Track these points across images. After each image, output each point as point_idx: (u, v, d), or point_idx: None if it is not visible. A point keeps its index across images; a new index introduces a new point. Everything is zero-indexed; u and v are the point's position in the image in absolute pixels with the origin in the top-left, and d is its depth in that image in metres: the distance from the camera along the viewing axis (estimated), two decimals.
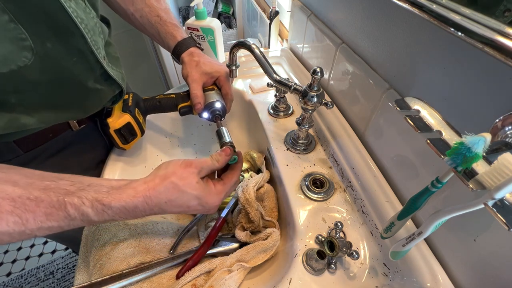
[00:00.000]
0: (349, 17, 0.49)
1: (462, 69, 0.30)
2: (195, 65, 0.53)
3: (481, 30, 0.22)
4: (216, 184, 0.42)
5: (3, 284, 1.23)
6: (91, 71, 0.42)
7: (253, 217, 0.49)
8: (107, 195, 0.33)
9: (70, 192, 0.31)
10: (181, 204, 0.37)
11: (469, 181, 0.21)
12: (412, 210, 0.28)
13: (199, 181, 0.38)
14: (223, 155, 0.43)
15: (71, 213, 0.30)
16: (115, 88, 0.48)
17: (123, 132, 0.51)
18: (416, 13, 0.29)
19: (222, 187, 0.42)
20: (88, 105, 0.46)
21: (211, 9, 1.56)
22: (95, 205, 0.32)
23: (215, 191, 0.40)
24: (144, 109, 0.55)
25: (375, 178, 0.44)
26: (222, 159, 0.43)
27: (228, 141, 0.49)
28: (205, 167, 0.40)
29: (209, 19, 0.86)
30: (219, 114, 0.55)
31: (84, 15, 0.38)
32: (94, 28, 0.40)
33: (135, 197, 0.34)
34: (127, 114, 0.50)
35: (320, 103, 0.47)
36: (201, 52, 0.56)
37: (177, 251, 0.47)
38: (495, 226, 0.28)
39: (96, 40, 0.40)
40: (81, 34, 0.37)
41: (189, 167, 0.38)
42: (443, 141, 0.23)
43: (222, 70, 0.56)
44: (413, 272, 0.36)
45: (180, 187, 0.36)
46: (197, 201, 0.38)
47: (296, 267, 0.40)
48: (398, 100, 0.27)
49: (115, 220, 0.34)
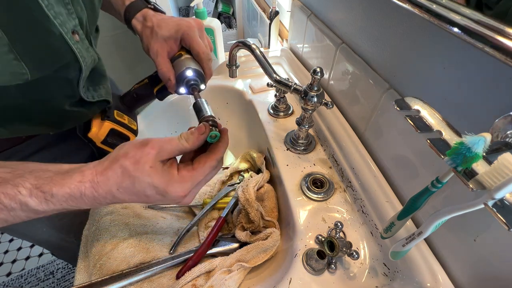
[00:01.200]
0: (349, 17, 0.49)
1: (462, 69, 0.30)
2: (150, 33, 0.44)
3: (481, 30, 0.22)
4: (181, 170, 0.32)
5: (3, 284, 1.23)
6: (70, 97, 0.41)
7: (253, 217, 0.49)
8: (48, 180, 0.28)
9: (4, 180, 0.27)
10: (136, 192, 0.31)
11: (469, 181, 0.21)
12: (412, 210, 0.28)
13: (154, 165, 0.30)
14: (196, 133, 0.33)
15: (7, 203, 0.27)
16: (96, 108, 0.46)
17: (111, 140, 0.46)
18: (416, 13, 0.29)
19: (188, 173, 0.32)
20: (64, 123, 0.44)
21: (211, 9, 1.56)
22: (34, 193, 0.28)
23: (177, 179, 0.32)
24: (125, 107, 0.49)
25: (375, 178, 0.44)
26: (194, 138, 0.33)
27: (208, 114, 0.38)
28: (167, 147, 0.32)
29: (209, 19, 0.86)
30: (195, 83, 0.43)
31: (86, 53, 0.39)
32: (90, 65, 0.41)
33: (81, 183, 0.29)
34: (106, 121, 0.45)
35: (320, 103, 0.47)
36: (154, 13, 0.45)
37: (177, 251, 0.47)
38: (495, 226, 0.28)
39: (87, 74, 0.41)
40: (79, 69, 0.38)
41: (144, 146, 0.31)
42: (443, 141, 0.23)
43: (183, 25, 0.43)
44: (413, 272, 0.36)
45: (130, 172, 0.30)
46: (154, 190, 0.31)
47: (296, 267, 0.40)
48: (398, 100, 0.27)
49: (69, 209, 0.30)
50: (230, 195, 0.58)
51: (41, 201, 0.28)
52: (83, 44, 0.38)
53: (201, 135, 0.33)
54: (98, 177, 0.30)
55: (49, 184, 0.28)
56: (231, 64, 0.55)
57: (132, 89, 0.49)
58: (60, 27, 0.33)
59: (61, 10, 0.33)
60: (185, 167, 0.33)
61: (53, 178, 0.29)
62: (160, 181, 0.30)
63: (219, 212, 0.56)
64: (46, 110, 0.40)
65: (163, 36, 0.43)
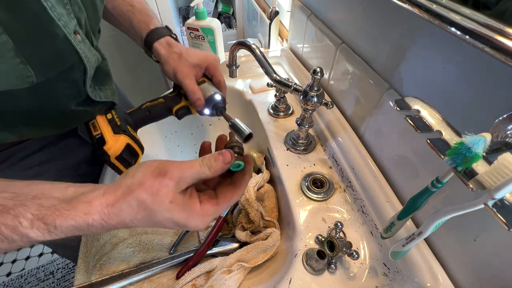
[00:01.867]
0: (349, 17, 0.49)
1: (462, 69, 0.30)
2: (178, 58, 0.47)
3: (481, 30, 0.22)
4: (204, 203, 0.30)
5: (3, 284, 1.23)
6: (76, 98, 0.42)
7: (253, 217, 0.49)
8: (52, 211, 0.26)
9: (5, 208, 0.25)
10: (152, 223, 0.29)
11: (469, 181, 0.21)
12: (412, 210, 0.28)
13: (175, 200, 0.28)
14: (220, 162, 0.30)
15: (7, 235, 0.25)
16: (101, 108, 0.47)
17: (125, 156, 0.44)
18: (416, 13, 0.29)
19: (212, 208, 0.30)
20: (68, 123, 0.45)
21: (211, 9, 1.56)
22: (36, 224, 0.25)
23: (199, 212, 0.30)
24: (133, 124, 0.49)
25: (375, 178, 0.44)
26: (218, 166, 0.30)
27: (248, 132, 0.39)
28: (187, 175, 0.29)
29: (209, 19, 0.86)
30: (223, 106, 0.47)
31: (89, 53, 0.39)
32: (94, 64, 0.41)
33: (88, 215, 0.26)
34: (122, 135, 0.44)
35: (320, 103, 0.47)
36: (179, 43, 0.50)
37: (177, 251, 0.47)
38: (495, 226, 0.28)
39: (91, 73, 0.41)
40: (84, 70, 0.38)
41: (162, 176, 0.28)
42: (443, 141, 0.23)
43: (210, 57, 0.49)
44: (413, 272, 0.36)
45: (148, 205, 0.27)
46: (173, 224, 0.29)
47: (296, 267, 0.40)
48: (398, 100, 0.27)
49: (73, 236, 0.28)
50: None
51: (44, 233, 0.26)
52: (85, 44, 0.38)
53: (226, 165, 0.31)
54: (109, 209, 0.27)
55: (52, 215, 0.26)
56: (231, 64, 0.55)
57: (143, 107, 0.50)
58: (64, 29, 0.33)
59: (62, 11, 0.33)
60: (209, 201, 0.31)
61: (56, 207, 0.26)
62: (180, 215, 0.28)
63: None
64: (53, 111, 0.41)
65: (193, 62, 0.47)
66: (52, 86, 0.37)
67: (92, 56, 0.40)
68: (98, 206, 0.27)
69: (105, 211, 0.27)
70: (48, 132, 0.44)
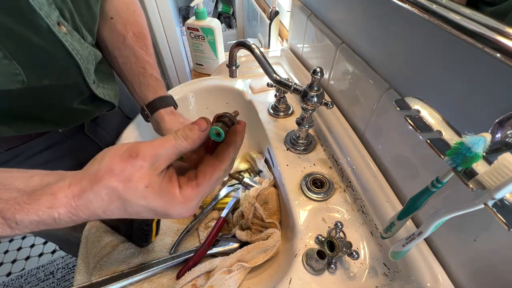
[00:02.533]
0: (349, 17, 0.49)
1: (462, 69, 0.30)
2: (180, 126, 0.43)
3: (481, 30, 0.22)
4: (184, 188, 0.26)
5: (3, 284, 1.23)
6: (78, 95, 0.42)
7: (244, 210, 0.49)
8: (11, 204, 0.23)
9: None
10: (128, 214, 0.25)
11: (469, 181, 0.21)
12: (412, 210, 0.28)
13: (151, 183, 0.24)
14: (196, 129, 0.26)
15: None
16: (103, 107, 0.47)
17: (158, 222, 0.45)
18: (416, 13, 0.29)
19: (193, 191, 0.26)
20: (71, 121, 0.45)
21: (211, 9, 1.56)
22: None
23: (180, 199, 0.26)
24: None
25: (375, 178, 0.44)
26: (194, 135, 0.26)
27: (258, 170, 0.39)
28: (163, 153, 0.25)
29: (209, 19, 0.86)
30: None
31: (79, 46, 0.38)
32: (88, 57, 0.40)
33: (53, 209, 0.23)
34: None
35: (320, 103, 0.47)
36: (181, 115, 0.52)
37: (177, 251, 0.47)
38: (495, 226, 0.28)
39: (89, 68, 0.41)
40: (77, 65, 0.38)
41: (133, 158, 0.24)
42: (443, 141, 0.23)
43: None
44: (413, 272, 0.36)
45: (119, 193, 0.23)
46: (152, 213, 0.25)
47: (296, 267, 0.40)
48: (398, 100, 0.27)
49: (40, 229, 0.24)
50: (230, 195, 0.58)
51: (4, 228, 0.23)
52: (73, 37, 0.37)
53: (202, 132, 0.26)
54: (75, 201, 0.23)
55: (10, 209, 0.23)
56: (231, 64, 0.55)
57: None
58: (46, 19, 0.33)
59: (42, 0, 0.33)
60: (189, 184, 0.26)
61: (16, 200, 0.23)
62: (158, 203, 0.25)
63: (219, 212, 0.56)
64: (54, 109, 0.41)
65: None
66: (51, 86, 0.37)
67: (84, 50, 0.39)
68: (63, 199, 0.23)
69: (72, 203, 0.23)
70: (49, 128, 0.44)
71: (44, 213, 0.23)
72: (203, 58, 0.94)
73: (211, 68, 0.96)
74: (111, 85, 0.49)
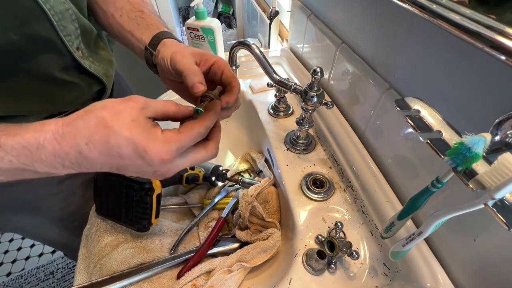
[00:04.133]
0: (349, 17, 0.49)
1: (462, 69, 0.30)
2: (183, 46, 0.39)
3: (481, 30, 0.22)
4: (165, 131, 0.27)
5: (3, 284, 1.23)
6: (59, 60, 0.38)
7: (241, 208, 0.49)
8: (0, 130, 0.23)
9: None
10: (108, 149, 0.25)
11: (469, 181, 0.21)
12: (412, 210, 0.28)
13: (137, 119, 0.26)
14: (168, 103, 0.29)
15: None
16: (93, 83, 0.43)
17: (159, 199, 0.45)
18: (416, 13, 0.29)
19: (173, 135, 0.27)
20: (56, 97, 0.40)
21: (211, 9, 1.56)
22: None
23: (161, 138, 0.26)
24: None
25: (375, 178, 0.44)
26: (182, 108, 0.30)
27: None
28: (152, 105, 0.27)
29: (209, 19, 0.86)
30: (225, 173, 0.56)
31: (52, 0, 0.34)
32: (64, 13, 0.36)
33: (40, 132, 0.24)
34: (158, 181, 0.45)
35: (320, 103, 0.47)
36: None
37: (177, 251, 0.47)
38: (495, 226, 0.28)
39: (66, 26, 0.36)
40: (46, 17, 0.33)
41: (127, 101, 0.26)
42: (443, 141, 0.23)
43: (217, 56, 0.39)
44: (413, 272, 0.36)
45: (107, 121, 0.25)
46: (132, 148, 0.25)
47: (296, 267, 0.40)
48: (398, 100, 0.27)
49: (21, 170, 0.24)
50: (230, 195, 0.58)
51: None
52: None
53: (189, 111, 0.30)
54: (64, 128, 0.24)
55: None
56: (231, 64, 0.55)
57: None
58: None
59: None
60: (170, 130, 0.28)
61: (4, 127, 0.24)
62: (140, 137, 0.25)
63: (219, 212, 0.56)
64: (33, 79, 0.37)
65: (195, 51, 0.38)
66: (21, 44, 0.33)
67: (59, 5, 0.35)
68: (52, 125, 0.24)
69: (59, 130, 0.24)
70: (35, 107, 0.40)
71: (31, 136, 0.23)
72: None
73: None
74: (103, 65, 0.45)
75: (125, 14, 0.46)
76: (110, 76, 0.47)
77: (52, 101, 0.41)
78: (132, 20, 0.45)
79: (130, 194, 0.43)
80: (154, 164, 0.26)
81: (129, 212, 0.44)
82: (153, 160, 0.26)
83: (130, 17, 0.45)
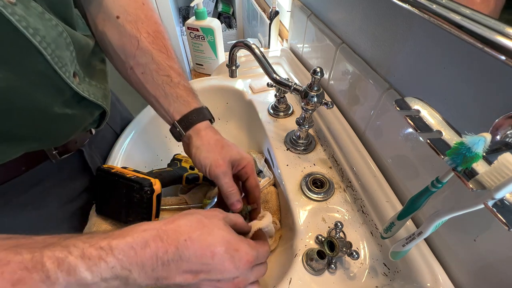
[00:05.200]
0: (349, 17, 0.49)
1: (462, 69, 0.30)
2: (220, 147, 0.40)
3: (481, 30, 0.22)
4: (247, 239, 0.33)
5: None
6: (57, 94, 0.33)
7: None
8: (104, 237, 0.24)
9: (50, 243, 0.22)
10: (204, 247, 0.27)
11: (469, 181, 0.21)
12: (412, 210, 0.28)
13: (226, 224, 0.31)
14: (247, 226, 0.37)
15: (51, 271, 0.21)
16: (94, 109, 0.40)
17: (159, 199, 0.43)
18: (416, 13, 0.29)
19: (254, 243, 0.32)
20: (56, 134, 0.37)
21: (211, 9, 1.56)
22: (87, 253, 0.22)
23: (246, 241, 0.31)
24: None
25: (375, 178, 0.44)
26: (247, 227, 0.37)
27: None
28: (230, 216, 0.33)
29: (209, 19, 0.86)
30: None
31: (40, 23, 0.29)
32: (57, 40, 0.31)
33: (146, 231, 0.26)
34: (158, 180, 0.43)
35: (320, 103, 0.47)
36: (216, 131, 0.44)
37: None
38: (495, 226, 0.28)
39: (60, 55, 0.31)
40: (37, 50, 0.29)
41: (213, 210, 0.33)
42: (443, 141, 0.23)
43: (249, 158, 0.43)
44: (413, 272, 0.36)
45: (204, 221, 0.29)
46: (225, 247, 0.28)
47: (296, 267, 0.40)
48: (398, 100, 0.27)
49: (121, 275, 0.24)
50: None
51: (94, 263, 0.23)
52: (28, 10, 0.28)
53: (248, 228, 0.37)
54: (166, 225, 0.27)
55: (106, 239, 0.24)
56: (231, 64, 0.55)
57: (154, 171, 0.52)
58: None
59: None
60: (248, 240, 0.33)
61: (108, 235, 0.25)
62: (233, 238, 0.30)
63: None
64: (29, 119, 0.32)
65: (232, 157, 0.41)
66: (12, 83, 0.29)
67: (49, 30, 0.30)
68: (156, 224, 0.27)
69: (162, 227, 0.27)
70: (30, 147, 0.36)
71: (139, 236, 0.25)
72: (203, 58, 0.95)
73: (211, 68, 0.96)
74: (100, 83, 0.40)
75: (149, 74, 0.42)
76: (107, 96, 0.43)
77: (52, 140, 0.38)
78: (158, 86, 0.42)
79: (130, 194, 0.43)
80: (240, 264, 0.29)
81: (129, 212, 0.44)
82: (242, 259, 0.29)
83: (156, 80, 0.42)
